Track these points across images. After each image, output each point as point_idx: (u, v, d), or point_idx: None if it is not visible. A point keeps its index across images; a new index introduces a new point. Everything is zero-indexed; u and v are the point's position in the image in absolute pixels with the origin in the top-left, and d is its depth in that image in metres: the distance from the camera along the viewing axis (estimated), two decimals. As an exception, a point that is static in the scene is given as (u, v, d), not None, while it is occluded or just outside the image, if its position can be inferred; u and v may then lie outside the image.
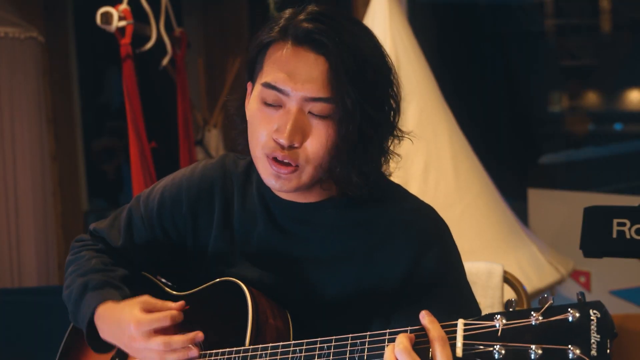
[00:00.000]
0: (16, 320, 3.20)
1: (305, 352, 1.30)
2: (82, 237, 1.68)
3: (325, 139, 1.34)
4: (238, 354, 1.37)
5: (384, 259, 1.42)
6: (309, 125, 1.35)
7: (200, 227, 1.56)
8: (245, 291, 1.42)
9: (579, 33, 4.56)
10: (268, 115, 1.37)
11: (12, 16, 3.94)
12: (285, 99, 1.35)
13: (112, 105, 5.27)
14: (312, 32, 1.33)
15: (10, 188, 3.91)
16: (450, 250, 1.46)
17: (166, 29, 3.21)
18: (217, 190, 1.55)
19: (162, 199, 1.58)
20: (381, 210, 1.46)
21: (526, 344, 1.08)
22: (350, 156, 1.36)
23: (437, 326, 1.17)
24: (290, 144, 1.34)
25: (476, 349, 1.13)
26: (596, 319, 1.07)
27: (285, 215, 1.49)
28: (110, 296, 1.48)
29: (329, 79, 1.32)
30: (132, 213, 1.62)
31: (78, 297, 1.51)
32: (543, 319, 1.09)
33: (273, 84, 1.35)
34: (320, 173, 1.38)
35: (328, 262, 1.45)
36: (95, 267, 1.55)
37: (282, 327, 1.44)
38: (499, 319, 1.12)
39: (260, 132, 1.37)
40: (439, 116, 2.88)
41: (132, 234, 1.61)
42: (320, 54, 1.33)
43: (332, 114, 1.33)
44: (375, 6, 2.92)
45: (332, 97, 1.32)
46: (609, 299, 3.60)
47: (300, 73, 1.33)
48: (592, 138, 4.53)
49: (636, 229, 1.54)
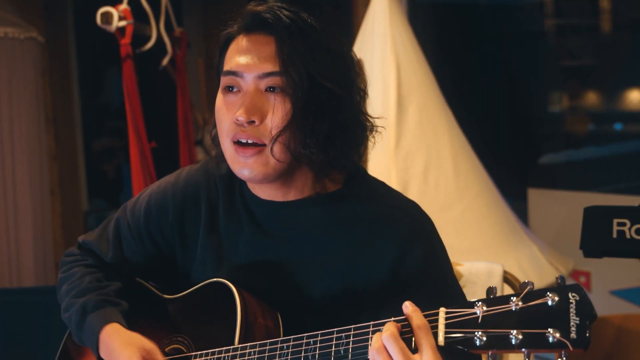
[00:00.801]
0: (15, 320, 3.20)
1: (292, 348, 1.31)
2: (72, 252, 1.69)
3: (282, 112, 1.37)
4: (227, 353, 1.38)
5: (368, 256, 1.43)
6: (267, 103, 1.38)
7: (187, 233, 1.57)
8: (234, 291, 1.43)
9: (579, 33, 4.56)
10: (230, 103, 1.41)
11: (11, 16, 3.94)
12: (242, 81, 1.40)
13: (112, 105, 5.28)
14: (259, 14, 1.41)
15: (10, 188, 3.91)
16: (434, 246, 1.46)
17: (166, 29, 3.21)
18: (203, 196, 1.56)
19: (148, 207, 1.59)
20: (364, 207, 1.46)
21: (507, 329, 1.09)
22: (311, 131, 1.37)
23: (420, 314, 1.19)
24: (248, 119, 1.37)
25: (458, 337, 1.14)
26: (575, 302, 1.07)
27: (268, 216, 1.50)
28: (111, 316, 1.50)
29: (277, 54, 1.37)
30: (119, 223, 1.63)
31: (79, 320, 1.53)
32: (523, 304, 1.10)
33: (230, 69, 1.41)
34: (285, 153, 1.39)
35: (313, 262, 1.46)
36: (89, 287, 1.56)
37: (272, 326, 1.44)
38: (480, 306, 1.13)
39: (225, 120, 1.42)
40: (439, 116, 2.88)
41: (120, 244, 1.62)
42: (269, 34, 1.39)
43: (285, 87, 1.37)
44: (375, 6, 2.92)
45: (281, 70, 1.37)
46: (609, 299, 3.60)
47: (252, 55, 1.39)
48: (592, 138, 4.53)
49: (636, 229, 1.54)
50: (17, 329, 3.18)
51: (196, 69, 4.13)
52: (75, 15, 4.56)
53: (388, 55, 2.83)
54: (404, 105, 2.80)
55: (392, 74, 2.80)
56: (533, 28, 4.59)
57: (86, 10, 3.54)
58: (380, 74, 2.82)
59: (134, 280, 1.65)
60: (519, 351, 1.09)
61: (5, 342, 3.18)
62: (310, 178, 1.46)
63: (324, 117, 1.38)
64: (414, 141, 2.79)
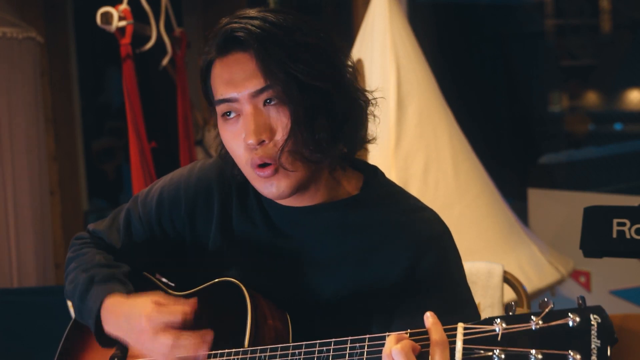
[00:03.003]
0: (15, 321, 3.20)
1: (304, 355, 1.29)
2: (81, 235, 1.67)
3: (285, 122, 1.36)
4: (237, 355, 1.37)
5: (381, 261, 1.42)
6: (269, 118, 1.37)
7: (198, 228, 1.56)
8: (244, 292, 1.42)
9: (579, 33, 4.56)
10: (234, 130, 1.40)
11: (10, 16, 3.94)
12: (237, 106, 1.38)
13: (112, 105, 5.27)
14: (229, 33, 1.38)
15: (10, 188, 3.91)
16: (448, 253, 1.45)
17: (166, 29, 3.21)
18: (215, 191, 1.55)
19: (160, 199, 1.58)
20: (379, 211, 1.45)
21: (526, 348, 1.08)
22: (315, 131, 1.36)
23: (440, 329, 1.16)
24: (258, 141, 1.36)
25: (476, 354, 1.12)
26: (596, 324, 1.06)
27: (282, 218, 1.49)
28: (117, 289, 1.48)
29: (259, 68, 1.36)
30: (130, 214, 1.62)
31: (84, 290, 1.50)
32: (543, 324, 1.08)
33: (221, 97, 1.40)
34: (298, 161, 1.37)
35: (326, 264, 1.45)
36: (100, 262, 1.55)
37: (281, 327, 1.43)
38: (499, 323, 1.11)
39: (236, 148, 1.40)
40: (439, 116, 2.88)
41: (131, 235, 1.60)
42: (244, 50, 1.37)
43: (280, 97, 1.36)
44: (375, 6, 2.92)
45: (267, 83, 1.35)
46: (609, 299, 3.60)
47: (237, 77, 1.37)
48: (592, 138, 4.53)
49: (636, 229, 1.54)
50: (17, 329, 3.18)
51: (196, 69, 4.11)
52: (75, 15, 4.55)
53: (388, 55, 2.83)
54: (404, 105, 2.80)
55: (392, 74, 2.80)
56: (533, 28, 4.60)
57: (86, 10, 3.54)
58: (380, 74, 2.82)
59: (142, 275, 1.63)
60: None
61: (5, 342, 3.18)
62: (326, 181, 1.46)
63: (322, 114, 1.37)
64: (414, 141, 2.78)
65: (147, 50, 3.08)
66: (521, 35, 4.64)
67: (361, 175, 1.52)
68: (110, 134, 5.06)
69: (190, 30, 4.22)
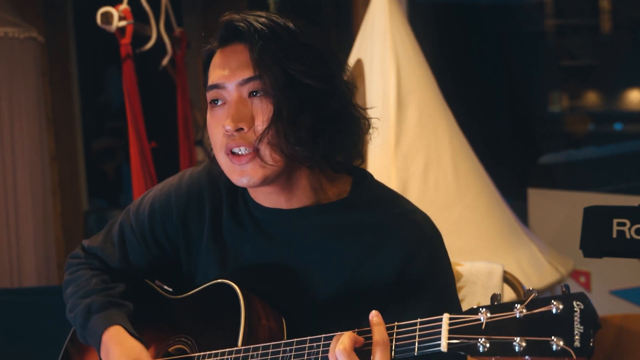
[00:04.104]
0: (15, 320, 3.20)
1: (295, 352, 1.31)
2: (77, 254, 1.69)
3: (267, 113, 1.38)
4: (230, 355, 1.38)
5: (372, 263, 1.43)
6: (252, 108, 1.39)
7: (191, 235, 1.57)
8: (238, 292, 1.43)
9: (579, 33, 4.56)
10: (218, 116, 1.42)
11: (11, 16, 3.95)
12: (225, 93, 1.41)
13: (112, 105, 5.28)
14: (231, 23, 1.42)
15: (10, 188, 3.91)
16: (438, 255, 1.46)
17: (166, 29, 3.21)
18: (206, 198, 1.56)
19: (152, 209, 1.59)
20: (369, 214, 1.46)
21: (510, 336, 1.09)
22: (296, 127, 1.37)
23: (382, 329, 1.20)
24: (235, 127, 1.38)
25: (461, 343, 1.13)
26: (579, 310, 1.07)
27: (271, 222, 1.50)
28: (114, 319, 1.51)
29: (251, 59, 1.39)
30: (123, 226, 1.63)
31: (84, 320, 1.54)
32: (527, 312, 1.10)
33: (211, 83, 1.43)
34: (275, 153, 1.38)
35: (317, 268, 1.46)
36: (95, 288, 1.57)
37: (276, 328, 1.44)
38: (484, 312, 1.13)
39: (216, 135, 1.43)
40: (439, 116, 2.88)
41: (125, 248, 1.62)
42: (243, 42, 1.41)
43: (265, 89, 1.38)
44: (375, 6, 2.92)
45: (256, 74, 1.38)
46: (609, 299, 3.60)
47: (231, 65, 1.41)
48: (592, 138, 4.53)
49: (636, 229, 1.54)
50: (17, 329, 3.18)
51: (196, 69, 4.13)
52: (75, 15, 4.56)
53: (388, 55, 2.83)
54: (404, 105, 2.80)
55: (392, 74, 2.80)
56: (533, 28, 4.59)
57: (86, 10, 3.54)
58: (380, 74, 2.82)
59: (140, 281, 1.65)
60: (522, 358, 1.09)
61: (5, 342, 3.18)
62: (307, 181, 1.46)
63: (306, 112, 1.38)
64: (414, 141, 2.78)
65: (147, 50, 3.08)
66: (521, 35, 4.64)
67: (349, 178, 1.52)
68: (110, 134, 5.06)
69: (190, 30, 4.22)
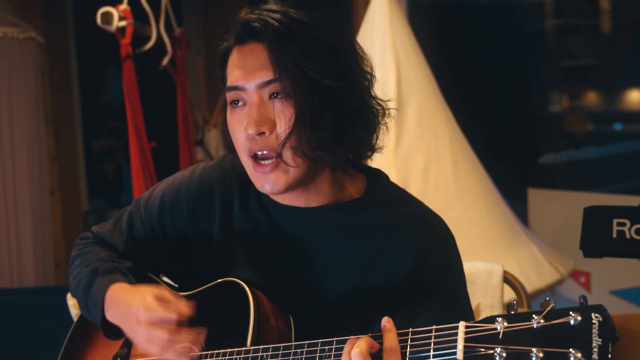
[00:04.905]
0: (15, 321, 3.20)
1: (306, 354, 1.30)
2: (86, 235, 1.68)
3: (287, 117, 1.36)
4: (239, 355, 1.37)
5: (385, 263, 1.42)
6: (273, 111, 1.38)
7: (201, 230, 1.56)
8: (247, 292, 1.42)
9: (579, 33, 4.56)
10: (239, 118, 1.41)
11: (11, 16, 3.95)
12: (244, 94, 1.40)
13: (112, 105, 5.28)
14: (248, 23, 1.40)
15: (10, 188, 3.91)
16: (450, 258, 1.45)
17: (166, 29, 3.21)
18: (217, 193, 1.55)
19: (162, 202, 1.59)
20: (383, 214, 1.46)
21: (527, 347, 1.08)
22: (319, 129, 1.36)
23: (391, 336, 1.20)
24: (257, 132, 1.37)
25: (477, 352, 1.12)
26: (598, 323, 1.06)
27: (285, 219, 1.49)
28: (120, 279, 1.49)
29: (270, 60, 1.37)
30: (132, 216, 1.62)
31: (88, 282, 1.51)
32: (544, 322, 1.08)
33: (230, 84, 1.41)
34: (299, 157, 1.37)
35: (328, 266, 1.45)
36: (103, 258, 1.56)
37: (284, 328, 1.44)
38: (500, 322, 1.12)
39: (238, 137, 1.41)
40: (439, 116, 2.88)
41: (134, 237, 1.61)
42: (260, 41, 1.39)
43: (286, 91, 1.36)
44: (375, 6, 2.92)
45: (276, 76, 1.36)
46: (609, 299, 3.60)
47: (249, 66, 1.39)
48: (592, 138, 4.53)
49: (636, 229, 1.54)
50: (17, 329, 3.19)
51: (196, 69, 4.13)
52: (75, 15, 4.56)
53: (388, 55, 2.83)
54: (404, 105, 2.80)
55: (392, 74, 2.81)
56: (533, 28, 4.59)
57: (86, 10, 3.54)
58: (380, 74, 2.82)
59: (146, 276, 1.63)
60: None
61: (5, 342, 3.18)
62: (328, 181, 1.45)
63: (329, 113, 1.37)
64: (414, 141, 2.79)
65: (147, 50, 3.08)
66: (521, 35, 4.64)
67: (365, 178, 1.52)
68: (110, 134, 5.06)
69: (190, 30, 4.23)
